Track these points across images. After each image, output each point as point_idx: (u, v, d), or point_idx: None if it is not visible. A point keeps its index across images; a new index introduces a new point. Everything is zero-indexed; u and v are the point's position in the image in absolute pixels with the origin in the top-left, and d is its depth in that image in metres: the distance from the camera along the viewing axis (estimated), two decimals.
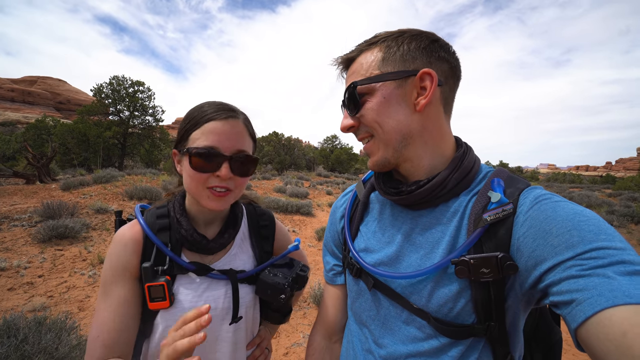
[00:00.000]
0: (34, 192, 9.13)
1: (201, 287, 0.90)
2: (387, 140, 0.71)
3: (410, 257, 0.72)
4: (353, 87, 0.71)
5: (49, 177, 12.46)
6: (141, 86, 24.71)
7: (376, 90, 0.69)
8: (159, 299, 0.82)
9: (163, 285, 0.82)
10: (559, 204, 0.58)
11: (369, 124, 0.72)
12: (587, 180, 59.04)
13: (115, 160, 23.50)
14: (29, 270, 4.43)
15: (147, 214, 0.93)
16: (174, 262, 0.87)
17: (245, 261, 1.00)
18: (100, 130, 21.67)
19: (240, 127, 0.88)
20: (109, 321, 0.81)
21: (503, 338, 0.64)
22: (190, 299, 0.88)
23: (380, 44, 0.71)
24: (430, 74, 0.67)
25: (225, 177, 0.84)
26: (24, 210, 6.93)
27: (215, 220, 0.99)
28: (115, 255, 0.85)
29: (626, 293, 0.44)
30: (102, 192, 8.83)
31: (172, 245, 0.89)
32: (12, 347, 2.26)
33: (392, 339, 0.73)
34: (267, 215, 1.13)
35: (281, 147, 34.63)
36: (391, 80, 0.69)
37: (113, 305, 0.82)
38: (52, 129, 22.61)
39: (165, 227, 0.90)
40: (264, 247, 1.07)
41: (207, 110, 0.86)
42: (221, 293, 0.92)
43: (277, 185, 14.86)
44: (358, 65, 0.73)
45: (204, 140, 0.83)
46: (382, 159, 0.73)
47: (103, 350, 0.80)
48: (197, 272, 0.89)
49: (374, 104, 0.70)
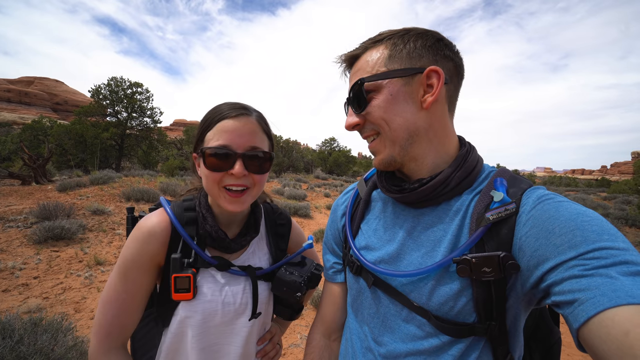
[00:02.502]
0: (29, 193, 9.06)
1: (221, 281, 0.92)
2: (394, 138, 0.70)
3: (411, 255, 0.72)
4: (360, 83, 0.70)
5: (45, 178, 12.36)
6: (139, 87, 24.61)
7: (383, 87, 0.69)
8: (184, 291, 0.84)
9: (189, 277, 0.84)
10: (561, 204, 0.58)
11: (375, 121, 0.71)
12: (583, 184, 59.46)
13: (113, 162, 23.34)
14: (24, 271, 4.39)
15: (174, 205, 0.94)
16: (198, 255, 0.89)
17: (261, 258, 1.03)
18: (98, 132, 21.52)
19: (253, 124, 0.88)
20: (130, 305, 0.85)
21: (503, 337, 0.64)
22: (211, 293, 0.90)
23: (385, 41, 0.71)
24: (437, 72, 0.67)
25: (238, 174, 0.84)
26: (19, 211, 6.86)
27: (235, 222, 1.00)
28: (141, 243, 0.85)
29: (629, 293, 0.44)
30: (99, 194, 8.78)
31: (198, 239, 0.91)
32: (7, 348, 2.23)
33: (392, 337, 0.72)
34: (284, 214, 1.16)
35: (279, 149, 34.62)
36: (398, 77, 0.68)
37: (134, 290, 0.85)
38: (48, 129, 22.43)
39: (192, 220, 0.92)
40: (280, 245, 1.10)
41: (220, 110, 0.87)
42: (240, 289, 0.94)
43: (275, 188, 14.84)
44: (363, 63, 0.72)
45: (216, 140, 0.84)
46: (388, 157, 0.73)
47: (120, 331, 0.85)
48: (219, 267, 0.91)
49: (381, 101, 0.69)
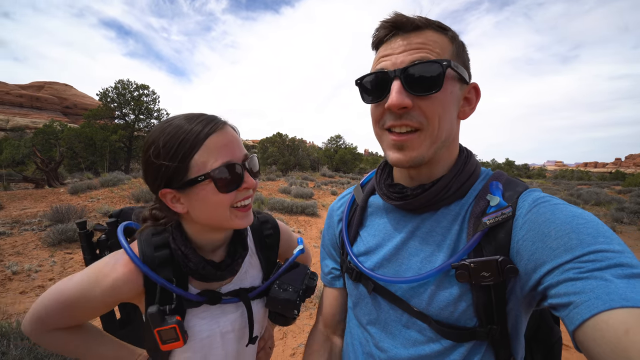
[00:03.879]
0: (43, 196, 9.28)
1: (215, 312, 0.86)
2: (436, 139, 0.65)
3: (410, 261, 0.71)
4: (447, 64, 0.60)
5: (57, 181, 12.65)
6: (146, 90, 24.92)
7: (448, 81, 0.63)
8: (172, 340, 0.75)
9: (174, 327, 0.74)
10: (557, 207, 0.58)
11: (429, 115, 0.63)
12: (596, 177, 58.01)
13: (122, 164, 23.74)
14: (40, 273, 4.50)
15: (141, 243, 0.80)
16: (182, 297, 0.80)
17: (254, 276, 0.96)
18: (107, 134, 21.92)
19: (232, 131, 0.80)
20: (80, 317, 0.80)
21: (505, 341, 0.64)
22: (207, 328, 0.84)
23: (449, 35, 0.65)
24: (477, 89, 0.68)
25: (253, 185, 0.79)
26: (34, 214, 7.04)
27: (221, 244, 0.90)
28: (105, 291, 0.76)
29: (623, 296, 0.44)
30: (109, 196, 8.94)
31: (177, 279, 0.80)
32: (25, 349, 2.33)
33: (393, 343, 0.72)
34: (270, 222, 1.05)
35: (285, 148, 34.63)
36: (460, 78, 0.66)
37: (90, 312, 0.80)
38: (59, 133, 22.93)
39: (166, 259, 0.79)
40: (270, 257, 1.02)
41: (193, 128, 0.73)
42: (237, 315, 0.89)
43: (282, 186, 14.88)
44: (431, 42, 0.63)
45: (216, 160, 0.73)
46: (420, 156, 0.66)
47: (59, 325, 0.79)
48: (209, 302, 0.83)
49: (444, 95, 0.63)
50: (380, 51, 0.67)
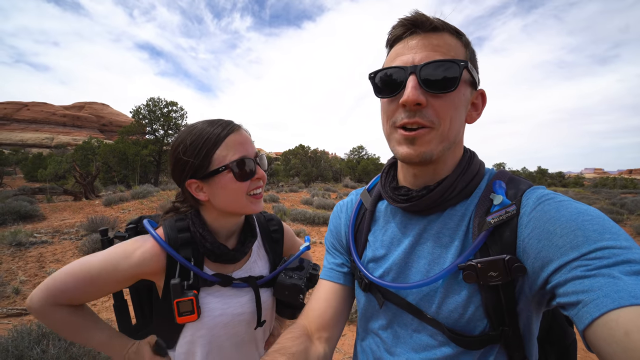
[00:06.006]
0: (80, 207, 9.92)
1: (228, 294, 0.95)
2: (445, 139, 0.66)
3: (418, 264, 0.71)
4: (464, 65, 0.62)
5: (93, 194, 13.51)
6: (174, 106, 26.31)
7: (462, 84, 0.64)
8: (187, 313, 0.84)
9: (192, 300, 0.84)
10: (562, 204, 0.57)
11: (442, 114, 0.63)
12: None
13: (152, 177, 24.93)
14: None
15: (166, 227, 0.93)
16: (198, 276, 0.89)
17: (262, 266, 1.06)
18: (138, 149, 23.20)
19: (246, 133, 0.94)
20: (94, 293, 0.85)
21: (518, 342, 0.62)
22: (220, 307, 0.92)
23: (464, 40, 0.67)
24: (484, 96, 0.71)
25: (263, 176, 0.93)
26: (72, 224, 7.54)
27: (234, 232, 1.02)
28: (130, 263, 0.84)
29: (632, 294, 0.43)
30: (139, 207, 9.42)
31: (195, 259, 0.91)
32: (62, 349, 2.51)
33: (405, 348, 0.71)
34: (275, 219, 1.18)
35: (307, 160, 34.97)
36: (471, 82, 0.68)
37: (105, 288, 0.85)
38: (96, 149, 24.56)
39: (187, 241, 0.91)
40: (277, 250, 1.13)
41: (214, 130, 0.87)
42: (247, 299, 0.97)
43: (304, 198, 14.98)
44: (446, 45, 0.64)
45: (233, 154, 0.87)
46: (430, 152, 0.65)
47: (69, 302, 0.85)
48: (222, 284, 0.93)
49: (457, 96, 0.64)
50: (397, 48, 0.67)
